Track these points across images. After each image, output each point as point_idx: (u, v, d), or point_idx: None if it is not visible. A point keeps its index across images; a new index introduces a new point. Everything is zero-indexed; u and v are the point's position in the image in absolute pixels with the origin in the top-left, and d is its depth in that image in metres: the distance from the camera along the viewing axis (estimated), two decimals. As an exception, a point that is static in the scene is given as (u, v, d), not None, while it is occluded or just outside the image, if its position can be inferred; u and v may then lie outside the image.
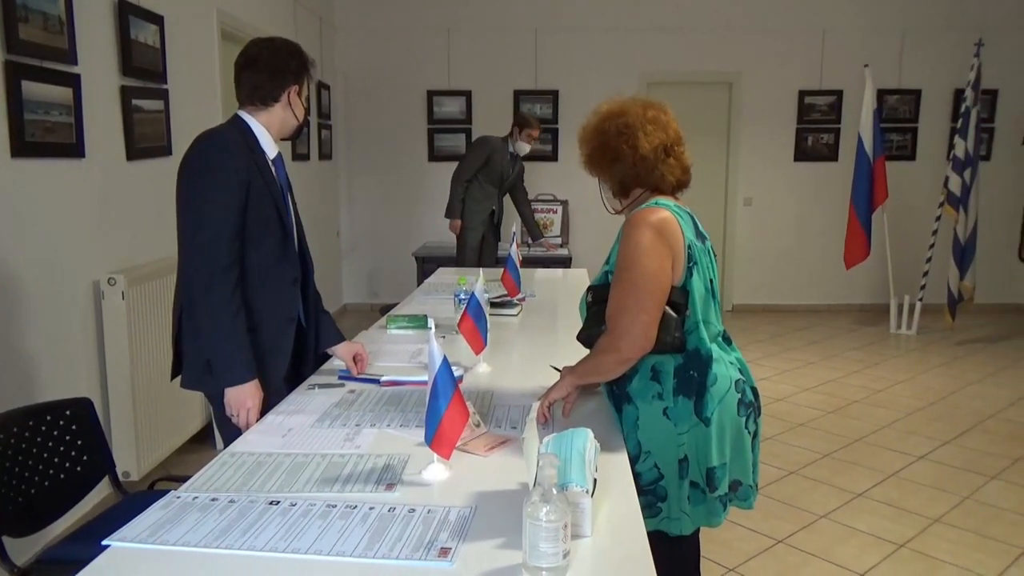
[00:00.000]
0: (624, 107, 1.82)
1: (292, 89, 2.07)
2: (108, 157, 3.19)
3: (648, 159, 1.77)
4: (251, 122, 2.05)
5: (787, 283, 7.21)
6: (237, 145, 1.99)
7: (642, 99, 1.86)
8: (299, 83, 2.09)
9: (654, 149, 1.77)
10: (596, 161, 1.84)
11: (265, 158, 2.06)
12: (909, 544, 2.94)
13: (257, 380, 1.99)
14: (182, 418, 3.58)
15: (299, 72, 2.09)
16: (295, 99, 2.09)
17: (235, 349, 1.95)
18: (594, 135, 1.83)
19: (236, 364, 1.96)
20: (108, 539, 1.26)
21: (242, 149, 1.99)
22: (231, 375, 1.96)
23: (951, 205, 6.02)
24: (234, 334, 1.95)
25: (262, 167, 2.03)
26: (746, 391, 1.78)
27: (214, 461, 1.60)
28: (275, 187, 2.06)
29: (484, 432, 1.74)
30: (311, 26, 6.09)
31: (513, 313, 3.06)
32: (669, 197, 1.81)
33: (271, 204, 2.03)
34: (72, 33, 2.87)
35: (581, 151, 1.88)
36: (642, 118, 1.78)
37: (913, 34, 6.81)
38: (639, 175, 1.79)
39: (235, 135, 2.02)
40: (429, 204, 7.06)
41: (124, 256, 3.28)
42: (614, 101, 1.86)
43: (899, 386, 4.96)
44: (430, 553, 1.21)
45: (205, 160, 1.96)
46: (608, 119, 1.81)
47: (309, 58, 2.13)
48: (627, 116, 1.79)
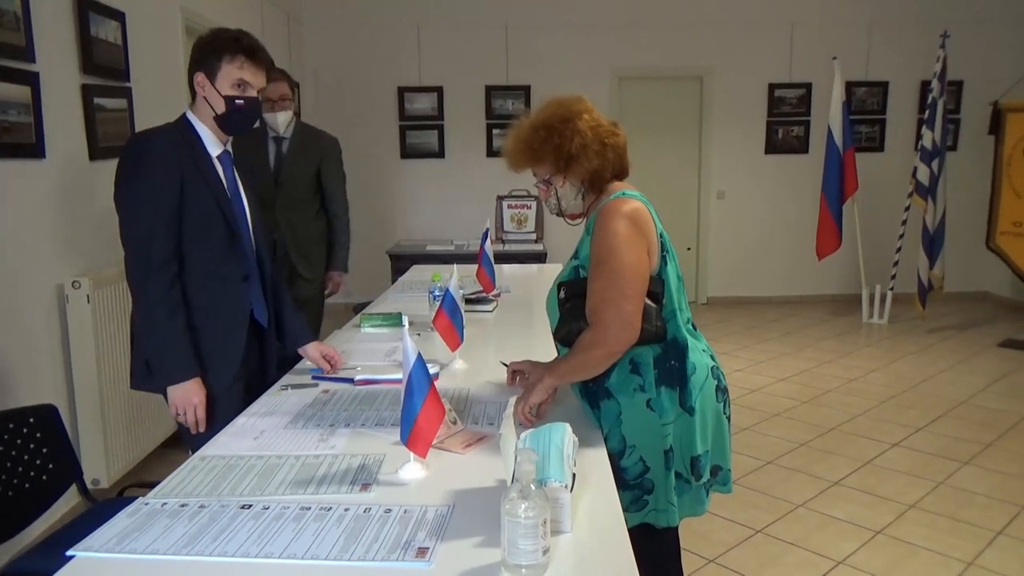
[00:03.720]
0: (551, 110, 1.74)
1: (197, 78, 1.96)
2: (70, 157, 3.11)
3: (608, 142, 1.73)
4: (193, 120, 2.01)
5: (760, 275, 7.26)
6: (167, 143, 1.94)
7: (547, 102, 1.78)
8: (205, 70, 1.94)
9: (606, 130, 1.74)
10: (558, 160, 1.72)
11: (207, 156, 2.00)
12: (886, 530, 2.97)
13: (199, 378, 1.95)
14: (152, 422, 3.51)
15: (203, 59, 1.95)
16: (207, 88, 1.95)
17: (171, 346, 1.92)
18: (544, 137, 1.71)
19: (172, 362, 1.93)
20: (72, 549, 1.22)
21: (173, 147, 1.93)
22: (167, 373, 1.93)
23: (920, 195, 6.10)
24: (170, 332, 1.91)
25: (202, 165, 1.98)
26: (720, 377, 1.80)
27: (184, 465, 1.56)
28: (217, 185, 2.01)
29: (461, 429, 1.72)
30: (278, 22, 6.00)
31: (488, 309, 3.03)
32: (629, 186, 1.79)
33: (212, 202, 1.98)
34: (29, 29, 2.79)
35: (531, 162, 1.76)
36: (574, 109, 1.73)
37: (880, 26, 6.88)
38: (608, 161, 1.74)
39: (170, 134, 1.97)
40: (402, 201, 7.02)
41: (89, 259, 3.20)
42: (530, 113, 1.78)
43: (872, 375, 5.02)
44: (407, 553, 1.19)
45: (132, 160, 1.93)
46: (549, 119, 1.72)
47: (230, 40, 1.95)
48: (562, 110, 1.72)
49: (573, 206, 1.81)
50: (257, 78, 1.98)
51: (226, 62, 1.94)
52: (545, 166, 1.76)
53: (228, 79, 1.94)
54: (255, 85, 1.98)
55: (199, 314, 1.98)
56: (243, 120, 2.01)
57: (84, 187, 3.19)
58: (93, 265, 3.21)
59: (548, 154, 1.73)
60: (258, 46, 2.00)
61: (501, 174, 3.13)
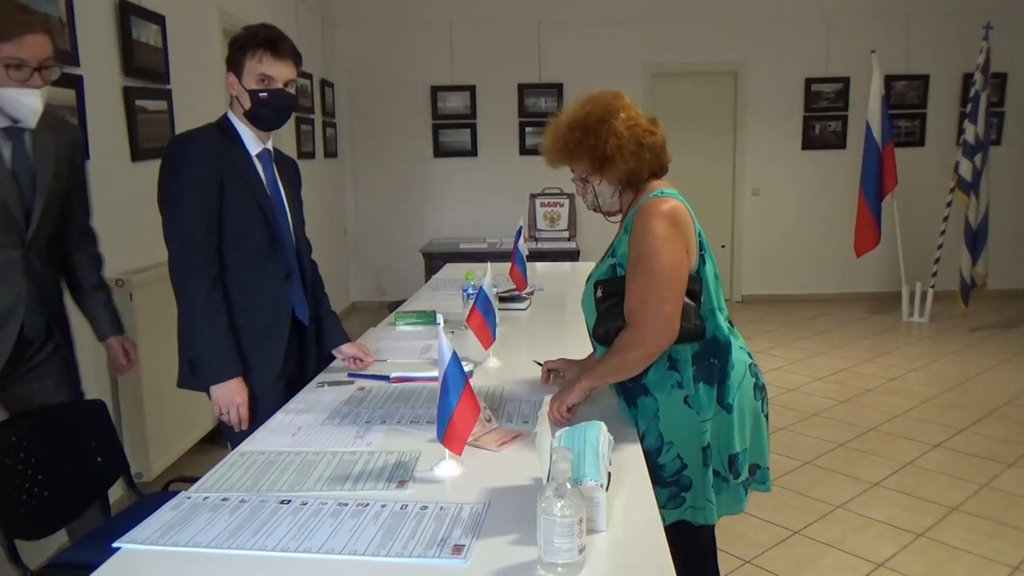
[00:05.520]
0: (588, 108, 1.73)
1: (229, 78, 1.98)
2: (113, 158, 3.18)
3: (645, 142, 1.71)
4: (233, 119, 2.03)
5: (796, 273, 7.16)
6: (206, 144, 1.96)
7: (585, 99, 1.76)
8: (233, 69, 1.97)
9: (643, 130, 1.72)
10: (594, 160, 1.71)
11: (246, 155, 2.02)
12: (927, 533, 2.91)
13: (241, 377, 1.97)
14: (193, 418, 3.57)
15: (232, 58, 1.97)
16: (236, 87, 1.97)
17: (214, 346, 1.94)
18: (579, 137, 1.70)
19: (215, 362, 1.95)
20: (118, 541, 1.25)
21: (212, 147, 1.95)
22: (210, 373, 1.96)
23: (962, 190, 5.96)
24: (213, 332, 1.94)
25: (241, 164, 1.99)
26: (758, 375, 1.79)
27: (224, 461, 1.59)
28: (257, 184, 2.02)
29: (495, 427, 1.73)
30: (312, 24, 6.07)
31: (522, 307, 3.04)
32: (667, 184, 1.78)
33: (251, 201, 1.99)
34: (73, 34, 2.87)
35: (567, 161, 1.76)
36: (611, 108, 1.71)
37: (920, 18, 6.74)
38: (644, 161, 1.72)
39: (209, 134, 1.99)
40: (435, 200, 7.05)
41: (131, 258, 3.27)
42: (568, 110, 1.76)
43: (912, 374, 4.92)
44: (443, 550, 1.19)
45: (173, 161, 1.96)
46: (585, 118, 1.70)
47: (250, 35, 1.96)
48: (599, 110, 1.70)
49: (610, 204, 1.80)
50: (280, 70, 1.97)
51: (248, 58, 1.95)
52: (581, 165, 1.76)
53: (252, 75, 1.95)
54: (279, 78, 1.97)
55: (241, 314, 2.00)
56: (273, 113, 2.00)
57: (126, 187, 3.26)
58: (136, 264, 3.28)
59: (584, 154, 1.72)
60: (278, 36, 1.98)
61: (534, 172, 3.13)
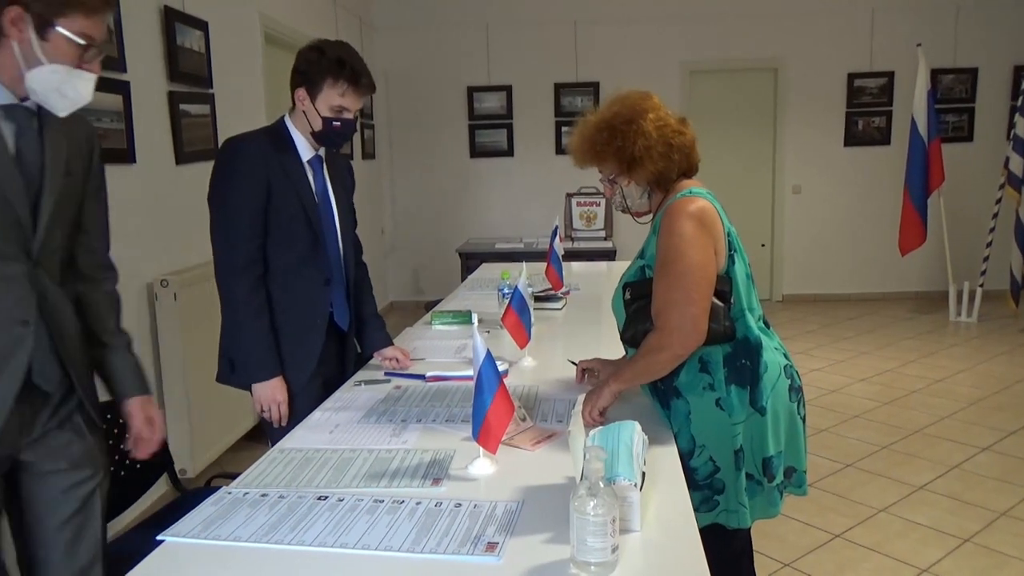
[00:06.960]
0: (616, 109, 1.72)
1: (299, 92, 1.99)
2: (158, 161, 3.26)
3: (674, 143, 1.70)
4: (290, 125, 2.07)
5: (838, 272, 7.02)
6: (257, 148, 1.99)
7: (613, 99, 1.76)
8: (307, 86, 1.97)
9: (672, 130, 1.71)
10: (621, 162, 1.70)
11: (298, 160, 2.05)
12: (974, 538, 2.84)
13: (281, 377, 2.02)
14: (235, 415, 3.65)
15: (306, 76, 1.97)
16: (307, 104, 1.99)
17: (255, 346, 1.99)
18: (606, 139, 1.69)
19: (256, 361, 2.00)
20: (162, 534, 1.29)
21: (263, 152, 1.99)
22: (251, 371, 2.02)
23: (1013, 186, 5.78)
24: (255, 331, 1.99)
25: (290, 169, 2.02)
26: (794, 376, 1.76)
27: (264, 457, 1.62)
28: (305, 190, 2.05)
29: (530, 426, 1.73)
30: (351, 27, 6.14)
31: (557, 307, 3.04)
32: (696, 183, 1.76)
33: (298, 206, 2.03)
34: (121, 41, 2.95)
35: (595, 162, 1.75)
36: (638, 108, 1.70)
37: (968, 10, 6.55)
38: (673, 162, 1.71)
39: (261, 138, 2.03)
40: (472, 200, 7.08)
41: (176, 258, 3.35)
42: (596, 110, 1.76)
43: (960, 375, 4.79)
44: (477, 548, 1.20)
45: (224, 162, 2.01)
46: (612, 119, 1.70)
47: (334, 63, 1.94)
48: (627, 110, 1.69)
49: (639, 205, 1.80)
50: (357, 103, 2.02)
51: (328, 85, 1.96)
52: (609, 166, 1.75)
53: (328, 102, 1.97)
54: (353, 109, 2.02)
55: (279, 315, 2.05)
56: (338, 138, 2.06)
57: (171, 190, 3.35)
58: (180, 265, 3.36)
59: (611, 155, 1.71)
60: (361, 70, 1.99)
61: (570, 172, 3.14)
